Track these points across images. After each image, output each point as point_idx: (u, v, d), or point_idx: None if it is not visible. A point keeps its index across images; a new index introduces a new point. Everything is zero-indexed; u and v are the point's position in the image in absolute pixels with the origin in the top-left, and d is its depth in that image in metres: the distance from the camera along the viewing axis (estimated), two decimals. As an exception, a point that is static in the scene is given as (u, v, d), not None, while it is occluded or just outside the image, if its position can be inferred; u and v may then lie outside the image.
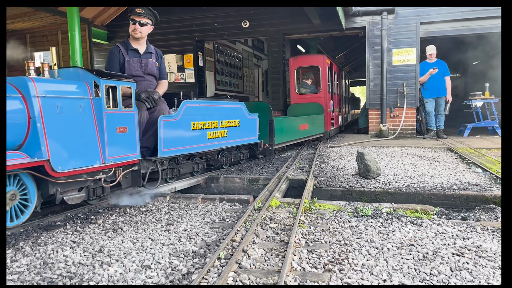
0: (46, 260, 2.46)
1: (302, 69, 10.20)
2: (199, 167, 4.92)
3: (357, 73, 25.26)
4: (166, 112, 4.27)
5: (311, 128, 8.37)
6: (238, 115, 5.50)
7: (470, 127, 9.79)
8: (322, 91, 9.74)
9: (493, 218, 3.48)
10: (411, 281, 2.10)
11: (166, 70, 4.83)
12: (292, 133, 7.37)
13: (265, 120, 6.30)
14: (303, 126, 7.91)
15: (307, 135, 8.23)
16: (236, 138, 5.48)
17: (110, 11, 11.24)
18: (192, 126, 4.50)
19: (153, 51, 4.60)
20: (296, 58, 10.13)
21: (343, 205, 3.62)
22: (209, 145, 4.87)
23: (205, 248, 2.65)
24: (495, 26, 9.21)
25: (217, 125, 5.00)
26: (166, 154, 4.10)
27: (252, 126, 5.92)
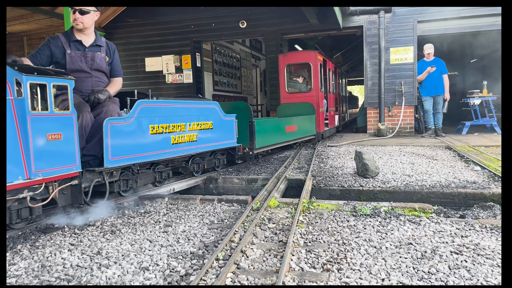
0: (44, 263, 2.46)
1: (292, 66, 9.65)
2: (163, 176, 4.35)
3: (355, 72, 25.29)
4: (115, 114, 3.70)
5: (300, 129, 7.85)
6: (210, 116, 4.95)
7: (469, 125, 9.80)
8: (313, 89, 9.16)
9: (492, 216, 3.49)
10: (410, 280, 2.10)
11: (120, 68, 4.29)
12: (277, 135, 6.79)
13: (245, 121, 5.76)
14: (290, 127, 7.35)
15: (296, 137, 7.69)
16: (208, 142, 4.93)
17: (107, 12, 11.23)
18: (150, 129, 3.92)
19: (103, 44, 4.02)
20: (285, 54, 9.54)
21: (341, 204, 3.62)
22: (173, 151, 4.30)
23: (203, 249, 2.64)
24: (492, 24, 9.22)
25: (184, 128, 4.45)
26: (115, 163, 3.52)
27: (229, 128, 5.38)
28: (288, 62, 9.35)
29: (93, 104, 3.72)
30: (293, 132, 7.48)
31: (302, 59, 9.43)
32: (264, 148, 6.31)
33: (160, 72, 11.54)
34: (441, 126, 9.56)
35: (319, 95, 9.13)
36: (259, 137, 5.88)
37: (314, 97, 9.07)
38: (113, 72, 4.16)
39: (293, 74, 9.75)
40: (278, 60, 9.50)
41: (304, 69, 9.59)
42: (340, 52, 18.05)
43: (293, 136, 7.53)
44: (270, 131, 6.54)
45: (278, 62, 9.48)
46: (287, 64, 9.34)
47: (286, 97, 9.31)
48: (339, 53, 18.03)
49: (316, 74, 9.12)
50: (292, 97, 9.25)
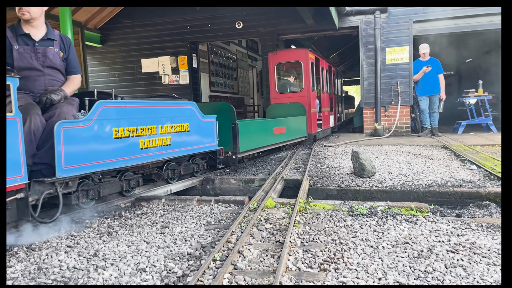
0: (41, 265, 2.45)
1: (283, 65, 9.30)
2: (131, 185, 3.96)
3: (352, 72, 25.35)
4: (70, 116, 3.27)
5: (289, 131, 7.49)
6: (186, 118, 4.58)
7: (464, 124, 9.84)
8: (304, 89, 8.76)
9: (487, 215, 3.50)
10: (406, 279, 2.11)
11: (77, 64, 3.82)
12: (263, 138, 6.42)
13: (228, 123, 5.43)
14: (278, 129, 6.94)
15: (284, 140, 7.32)
16: (185, 146, 4.56)
17: (103, 14, 11.21)
18: (114, 133, 3.54)
19: (56, 38, 3.58)
20: (275, 53, 9.13)
21: (338, 204, 3.62)
22: (143, 156, 3.91)
23: (200, 250, 2.64)
24: (487, 24, 9.27)
25: (156, 131, 4.07)
26: (71, 172, 3.13)
27: (208, 130, 5.02)
28: (278, 61, 9.01)
29: (45, 105, 3.29)
30: (282, 134, 7.11)
31: (293, 58, 9.09)
32: (249, 152, 5.98)
33: (156, 73, 11.52)
34: (437, 125, 9.60)
35: (310, 95, 8.77)
36: (243, 140, 5.55)
37: (305, 97, 8.72)
38: (69, 69, 3.71)
39: (284, 73, 9.42)
40: (268, 59, 9.18)
41: (295, 68, 9.29)
42: (337, 52, 18.09)
43: (282, 138, 7.17)
44: (256, 133, 6.18)
45: (268, 61, 9.16)
46: (277, 63, 9.01)
47: (276, 97, 8.96)
48: (335, 53, 18.06)
49: (307, 73, 8.75)
50: (283, 97, 8.88)
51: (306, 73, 8.75)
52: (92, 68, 11.99)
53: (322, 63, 10.17)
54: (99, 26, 11.60)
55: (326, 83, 10.64)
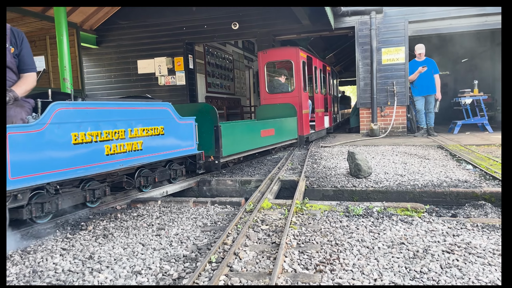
0: (36, 268, 2.44)
1: (273, 64, 9.04)
2: (96, 195, 3.56)
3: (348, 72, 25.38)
4: (18, 120, 2.92)
5: (279, 133, 7.16)
6: (161, 120, 4.22)
7: (460, 124, 9.88)
8: (295, 89, 8.44)
9: (483, 215, 3.52)
10: (402, 280, 2.11)
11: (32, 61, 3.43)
12: (249, 141, 6.07)
13: (210, 126, 5.13)
14: (266, 131, 6.60)
15: (273, 142, 6.99)
16: (159, 150, 4.21)
17: (99, 15, 11.19)
18: (72, 138, 3.18)
19: (6, 32, 3.20)
20: (265, 52, 8.77)
21: (334, 205, 3.63)
22: (109, 163, 3.55)
23: (196, 252, 2.63)
24: (482, 24, 9.31)
25: (124, 134, 3.70)
26: (19, 184, 2.77)
27: (186, 133, 4.67)
28: (268, 60, 8.70)
29: None
30: (270, 136, 6.78)
31: (283, 57, 8.74)
32: (234, 156, 5.69)
33: (152, 75, 11.51)
34: (433, 125, 9.64)
35: (301, 95, 8.44)
36: (226, 144, 5.26)
37: (296, 97, 8.41)
38: (22, 66, 3.33)
39: (274, 73, 9.16)
40: (258, 58, 8.89)
41: (285, 68, 9.03)
42: (333, 53, 18.12)
43: (270, 141, 6.84)
44: (241, 136, 5.84)
45: (258, 60, 8.88)
46: (267, 62, 8.71)
47: (266, 98, 8.66)
48: (331, 54, 18.09)
49: (298, 73, 8.40)
50: (273, 97, 8.59)
51: (297, 73, 8.42)
52: (88, 70, 11.96)
53: (315, 62, 9.90)
54: (94, 27, 11.57)
55: (320, 83, 10.35)
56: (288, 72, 8.91)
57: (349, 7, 9.84)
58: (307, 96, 8.97)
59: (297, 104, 8.25)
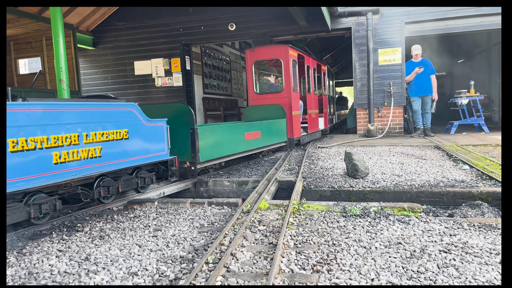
0: (31, 270, 2.42)
1: (261, 63, 8.55)
2: (42, 210, 3.07)
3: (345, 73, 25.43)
4: None
5: (266, 136, 6.73)
6: (125, 123, 3.78)
7: (457, 125, 9.91)
8: (285, 89, 7.94)
9: (480, 214, 3.52)
10: (399, 279, 2.11)
11: None
12: (232, 145, 5.64)
13: (185, 128, 4.71)
14: (251, 134, 6.15)
15: (260, 146, 6.55)
16: (122, 157, 3.73)
17: (95, 16, 11.16)
18: (10, 145, 2.76)
19: None
20: (253, 50, 8.28)
21: (331, 205, 3.62)
22: (58, 173, 3.13)
23: (193, 253, 2.63)
24: (478, 25, 9.34)
25: (78, 140, 3.29)
26: None
27: (156, 137, 4.24)
28: (256, 59, 8.20)
29: None
30: (256, 140, 6.33)
31: (271, 55, 8.21)
32: (213, 161, 5.25)
33: (149, 76, 11.48)
34: (430, 126, 9.65)
35: (291, 95, 7.95)
36: (204, 148, 4.84)
37: (285, 98, 7.92)
38: None
39: (263, 72, 8.68)
40: (245, 56, 8.41)
41: (274, 66, 8.61)
42: (330, 54, 18.15)
43: (256, 145, 6.38)
44: (222, 140, 5.39)
45: (245, 58, 8.40)
46: (255, 61, 8.21)
47: (254, 99, 8.18)
48: (328, 55, 18.12)
49: (287, 72, 7.91)
50: (261, 98, 8.10)
51: (286, 72, 7.92)
52: (84, 71, 11.93)
53: (308, 61, 9.47)
54: (91, 28, 11.55)
55: (313, 83, 9.83)
56: (277, 71, 8.44)
57: (345, 9, 9.85)
58: (297, 96, 8.51)
59: (286, 105, 7.81)
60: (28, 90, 9.09)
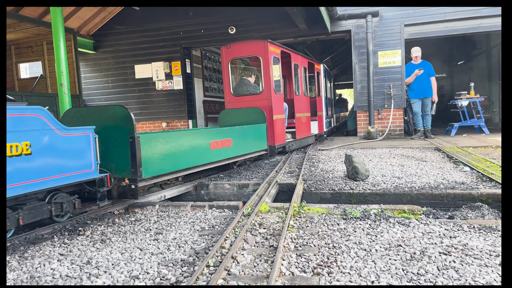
0: (33, 274, 2.43)
1: (239, 61, 7.82)
2: None
3: (345, 75, 25.48)
4: None
5: (239, 144, 5.84)
6: (25, 133, 2.90)
7: (457, 126, 9.92)
8: (264, 91, 7.10)
9: (480, 216, 3.53)
10: (399, 282, 2.12)
11: None
12: (192, 155, 4.70)
13: (123, 137, 3.76)
14: (219, 142, 5.28)
15: (231, 156, 5.65)
16: (19, 180, 2.83)
17: (96, 20, 11.21)
18: None
19: None
20: (229, 46, 7.42)
21: (332, 208, 3.63)
22: None
23: (194, 256, 2.64)
24: (477, 26, 9.37)
25: None
26: None
27: (78, 150, 3.37)
28: (233, 56, 7.41)
29: None
30: (226, 149, 5.46)
31: (249, 52, 7.35)
32: (164, 177, 4.28)
33: (150, 79, 11.52)
34: (430, 127, 9.66)
35: (272, 97, 7.10)
36: (150, 161, 3.91)
37: (265, 100, 7.07)
38: None
39: (240, 72, 7.92)
40: (220, 53, 7.55)
41: (253, 65, 7.84)
42: (330, 56, 18.18)
43: (226, 154, 5.50)
44: (176, 150, 4.40)
45: (221, 56, 7.56)
46: (231, 58, 7.41)
47: (231, 101, 7.39)
48: (328, 57, 18.15)
49: (267, 71, 7.05)
50: (239, 101, 7.29)
51: (265, 71, 7.05)
52: (85, 75, 11.97)
53: (296, 59, 8.61)
54: (91, 32, 11.60)
55: (303, 83, 8.92)
56: (257, 70, 7.62)
57: (345, 11, 9.88)
58: (280, 98, 7.60)
59: (266, 108, 6.98)
60: (29, 94, 9.12)
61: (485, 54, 13.92)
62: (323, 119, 10.63)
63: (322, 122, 10.52)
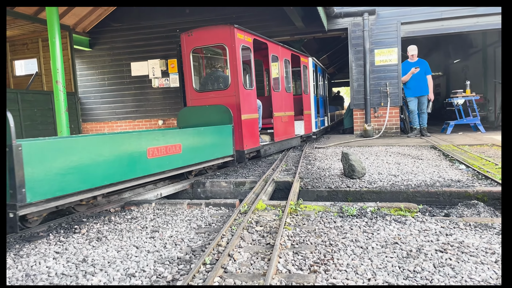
0: (29, 272, 2.42)
1: (202, 50, 6.80)
2: None
3: (342, 74, 25.52)
4: None
5: (192, 150, 4.84)
6: None
7: (453, 125, 9.96)
8: (231, 85, 6.03)
9: (476, 214, 3.54)
10: (395, 279, 2.12)
11: None
12: (118, 167, 3.67)
13: None
14: (162, 149, 4.24)
15: (180, 165, 4.60)
16: None
17: (92, 17, 11.15)
18: None
19: None
20: (190, 33, 6.36)
21: (328, 205, 3.63)
22: None
23: (190, 254, 2.63)
24: (473, 25, 9.40)
25: None
26: None
27: None
28: (195, 45, 6.39)
29: None
30: (172, 156, 4.41)
31: (213, 40, 6.24)
32: (69, 198, 3.19)
33: (146, 77, 11.49)
34: (426, 126, 9.70)
35: (241, 93, 6.02)
36: (43, 178, 2.95)
37: (232, 97, 6.04)
38: None
39: (205, 63, 7.00)
40: (181, 42, 6.48)
41: (219, 55, 6.98)
42: (327, 54, 18.19)
43: (172, 163, 4.43)
44: (89, 161, 3.37)
45: (181, 45, 6.50)
46: (194, 47, 6.39)
47: (194, 98, 6.40)
48: (325, 55, 18.16)
49: (234, 62, 5.99)
50: (203, 97, 6.29)
51: (232, 62, 6.01)
52: (81, 72, 11.91)
53: (274, 49, 7.54)
54: (87, 29, 11.54)
55: (283, 78, 7.84)
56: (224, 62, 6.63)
57: (342, 9, 9.88)
58: (252, 94, 6.47)
59: (233, 105, 5.97)
60: (24, 91, 9.07)
61: (481, 53, 13.97)
62: (311, 118, 9.62)
63: (310, 121, 9.51)
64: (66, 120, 7.34)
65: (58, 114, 7.30)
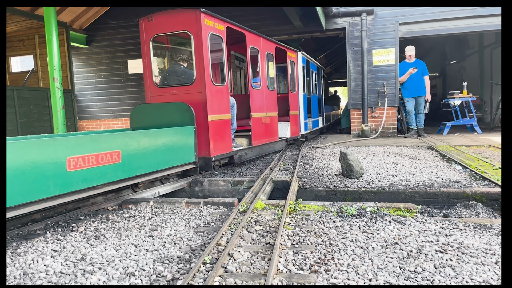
0: (26, 271, 2.39)
1: (164, 39, 6.02)
2: None
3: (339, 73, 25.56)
4: None
5: (137, 158, 3.93)
6: None
7: (450, 125, 9.98)
8: (197, 80, 5.15)
9: (474, 214, 3.55)
10: (396, 280, 2.12)
11: None
12: (21, 185, 2.79)
13: None
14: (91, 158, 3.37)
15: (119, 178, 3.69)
16: None
17: (89, 14, 11.09)
18: None
19: None
20: (150, 18, 5.62)
21: (327, 205, 3.63)
22: None
23: (190, 253, 2.61)
24: (471, 26, 9.43)
25: None
26: None
27: None
28: (156, 33, 5.57)
29: None
30: (107, 166, 3.54)
31: (177, 26, 5.37)
32: None
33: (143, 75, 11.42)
34: (423, 126, 9.72)
35: (208, 89, 5.13)
36: None
37: (197, 93, 5.16)
38: None
39: (168, 54, 6.25)
40: (140, 29, 5.65)
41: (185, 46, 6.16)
42: (324, 54, 18.20)
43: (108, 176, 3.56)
44: None
45: (140, 32, 5.65)
46: (154, 35, 5.58)
47: (154, 95, 5.58)
48: (322, 55, 18.17)
49: (200, 53, 5.12)
50: (164, 94, 5.47)
51: (198, 53, 5.14)
52: (78, 69, 11.84)
53: (254, 41, 6.64)
54: (84, 26, 11.47)
55: (265, 73, 7.00)
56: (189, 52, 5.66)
57: (340, 9, 9.89)
58: (224, 91, 5.58)
59: (198, 103, 5.13)
60: (21, 88, 9.00)
61: (477, 54, 14.03)
62: (299, 119, 8.69)
63: (297, 123, 8.55)
64: (63, 118, 7.30)
65: (55, 111, 7.25)
